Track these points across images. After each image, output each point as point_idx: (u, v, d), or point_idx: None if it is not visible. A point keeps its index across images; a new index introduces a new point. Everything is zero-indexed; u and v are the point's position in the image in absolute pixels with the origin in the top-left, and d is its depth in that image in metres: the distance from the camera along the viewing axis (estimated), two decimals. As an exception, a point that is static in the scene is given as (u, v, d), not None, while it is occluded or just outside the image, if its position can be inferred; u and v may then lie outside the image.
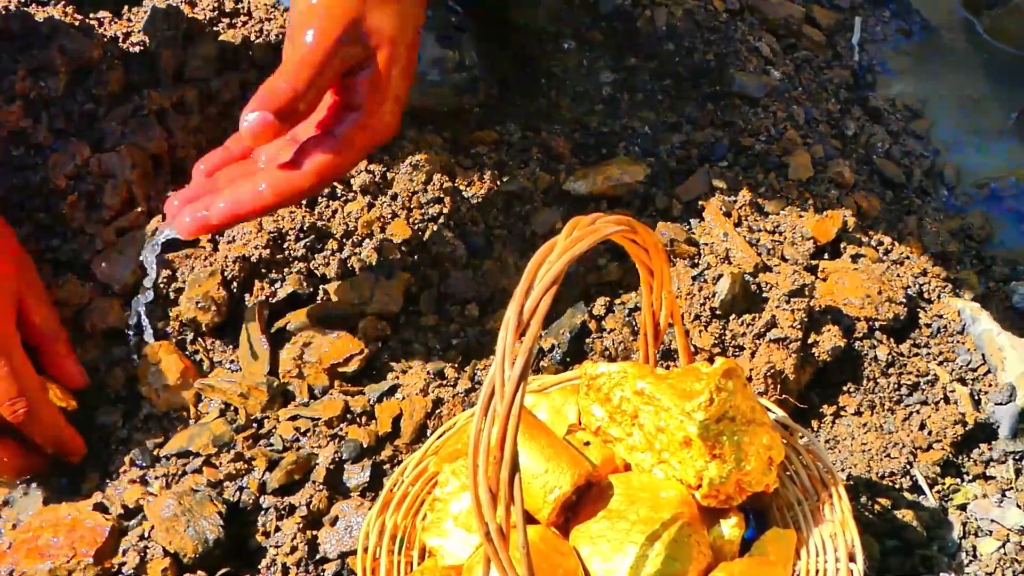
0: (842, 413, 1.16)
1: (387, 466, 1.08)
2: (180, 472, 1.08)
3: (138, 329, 1.16)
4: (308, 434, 1.10)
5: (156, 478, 1.07)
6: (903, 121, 1.58)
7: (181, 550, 1.01)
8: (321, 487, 1.06)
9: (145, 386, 1.14)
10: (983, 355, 1.19)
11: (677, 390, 0.90)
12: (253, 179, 1.02)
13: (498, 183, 1.27)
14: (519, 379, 0.72)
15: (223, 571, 1.01)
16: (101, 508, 1.05)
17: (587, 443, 0.95)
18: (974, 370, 1.19)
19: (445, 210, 1.25)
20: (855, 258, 1.26)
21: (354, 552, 1.02)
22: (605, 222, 0.81)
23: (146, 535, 1.03)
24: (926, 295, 1.25)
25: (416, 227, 1.23)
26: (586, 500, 0.90)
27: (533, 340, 0.73)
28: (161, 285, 1.17)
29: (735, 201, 1.28)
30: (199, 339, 1.17)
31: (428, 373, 1.14)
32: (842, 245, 1.28)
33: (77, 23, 1.35)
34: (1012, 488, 1.11)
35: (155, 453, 1.09)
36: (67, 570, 1.01)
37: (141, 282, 1.17)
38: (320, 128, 1.05)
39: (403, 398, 1.12)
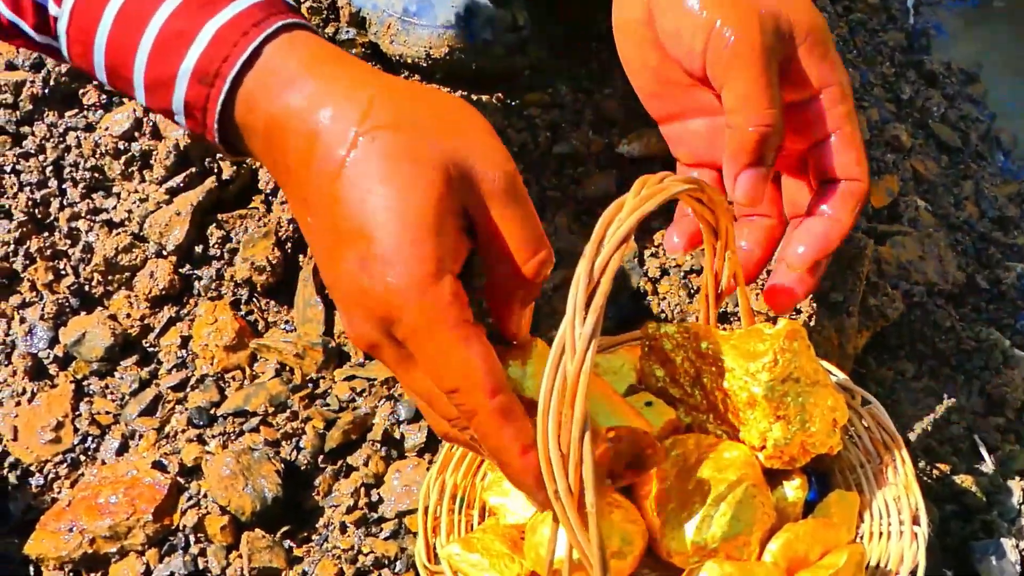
0: (900, 378, 1.15)
1: (444, 427, 1.08)
2: (237, 431, 1.08)
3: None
4: (364, 394, 1.10)
5: (213, 437, 1.08)
6: (959, 85, 1.56)
7: (239, 509, 1.01)
8: (378, 447, 1.06)
9: (200, 346, 1.13)
10: (1043, 320, 1.18)
11: (741, 351, 0.89)
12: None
13: (551, 146, 1.26)
14: (590, 337, 0.71)
15: (283, 529, 1.02)
16: (159, 466, 1.05)
17: (648, 404, 0.94)
18: (1034, 335, 1.18)
19: (499, 172, 1.23)
20: (912, 222, 1.25)
21: (412, 512, 1.02)
22: (673, 180, 0.80)
23: (204, 494, 1.03)
24: (984, 260, 1.24)
25: (470, 189, 1.22)
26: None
27: (603, 298, 0.72)
28: (215, 246, 1.17)
29: (791, 164, 1.27)
30: (254, 299, 1.17)
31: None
32: (899, 209, 1.27)
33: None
34: (1073, 453, 1.10)
35: (212, 413, 1.09)
36: (127, 527, 1.01)
37: (194, 243, 1.17)
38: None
39: (459, 359, 1.11)
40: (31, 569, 1.03)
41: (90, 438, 1.10)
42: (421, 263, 0.73)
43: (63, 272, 1.18)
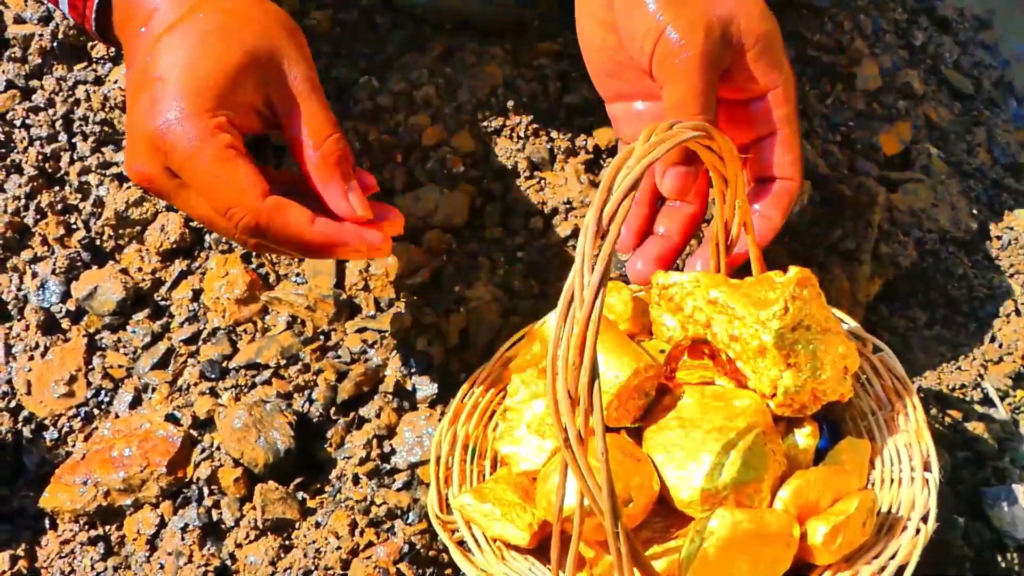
0: (912, 325, 1.15)
1: (456, 378, 1.08)
2: (250, 384, 1.08)
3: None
4: (375, 346, 1.10)
5: (226, 390, 1.08)
6: (971, 31, 1.55)
7: (252, 461, 1.02)
8: (390, 398, 1.06)
9: (212, 300, 1.14)
10: (1056, 266, 1.17)
11: (751, 299, 0.89)
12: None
13: (561, 95, 1.26)
14: (599, 284, 0.71)
15: (296, 481, 1.02)
16: (172, 419, 1.06)
17: (662, 351, 0.94)
18: (1046, 282, 1.17)
19: (508, 122, 1.23)
20: (925, 169, 1.24)
21: (424, 463, 1.02)
22: (682, 127, 0.80)
23: (217, 446, 1.04)
24: (996, 207, 1.24)
25: (479, 139, 1.22)
26: (659, 408, 0.90)
27: (612, 245, 0.72)
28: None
29: (803, 113, 1.26)
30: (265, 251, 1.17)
31: (495, 285, 1.13)
32: (912, 156, 1.26)
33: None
34: (1085, 400, 1.10)
35: (224, 366, 1.10)
36: (141, 480, 1.02)
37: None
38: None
39: (470, 310, 1.12)
40: (46, 522, 1.03)
41: (103, 392, 1.10)
42: (198, 100, 0.86)
43: (74, 226, 1.18)
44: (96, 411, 1.10)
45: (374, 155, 1.19)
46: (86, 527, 1.02)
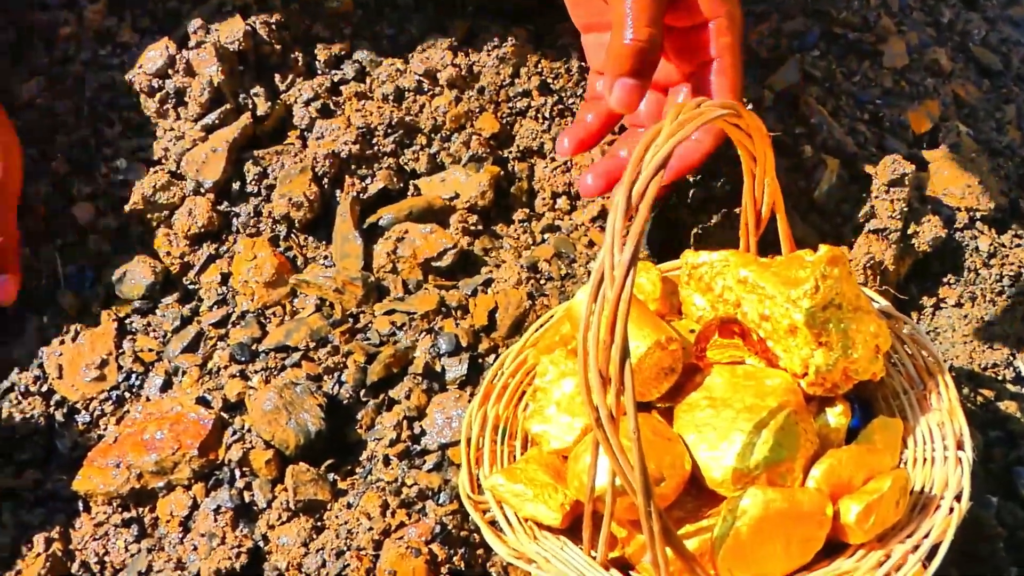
0: (942, 305, 1.15)
1: (484, 359, 1.08)
2: (279, 366, 1.08)
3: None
4: (404, 328, 1.10)
5: (256, 372, 1.08)
6: (999, 7, 1.54)
7: (283, 443, 1.02)
8: (419, 380, 1.06)
9: (240, 283, 1.14)
10: (1087, 244, 1.17)
11: (781, 278, 0.89)
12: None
13: (586, 75, 1.25)
14: (629, 263, 0.71)
15: (327, 463, 1.02)
16: (203, 402, 1.06)
17: (692, 331, 0.94)
18: (1077, 259, 1.16)
19: (533, 103, 1.23)
20: (954, 147, 1.24)
21: (455, 444, 1.02)
22: (710, 106, 0.79)
23: (248, 428, 1.04)
24: (1027, 184, 1.23)
25: (504, 120, 1.22)
26: (689, 388, 0.89)
27: (642, 224, 0.72)
28: (252, 182, 1.17)
29: (830, 90, 1.26)
30: (292, 235, 1.17)
31: (521, 267, 1.13)
32: (940, 134, 1.25)
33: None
34: (1118, 379, 1.09)
35: (254, 348, 1.10)
36: (173, 462, 1.02)
37: (231, 180, 1.17)
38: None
39: (498, 292, 1.12)
40: (80, 505, 1.04)
41: (134, 375, 1.11)
42: None
43: (103, 211, 1.18)
44: (127, 394, 1.10)
45: (399, 137, 1.19)
46: (119, 509, 1.03)
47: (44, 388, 1.11)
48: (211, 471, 1.03)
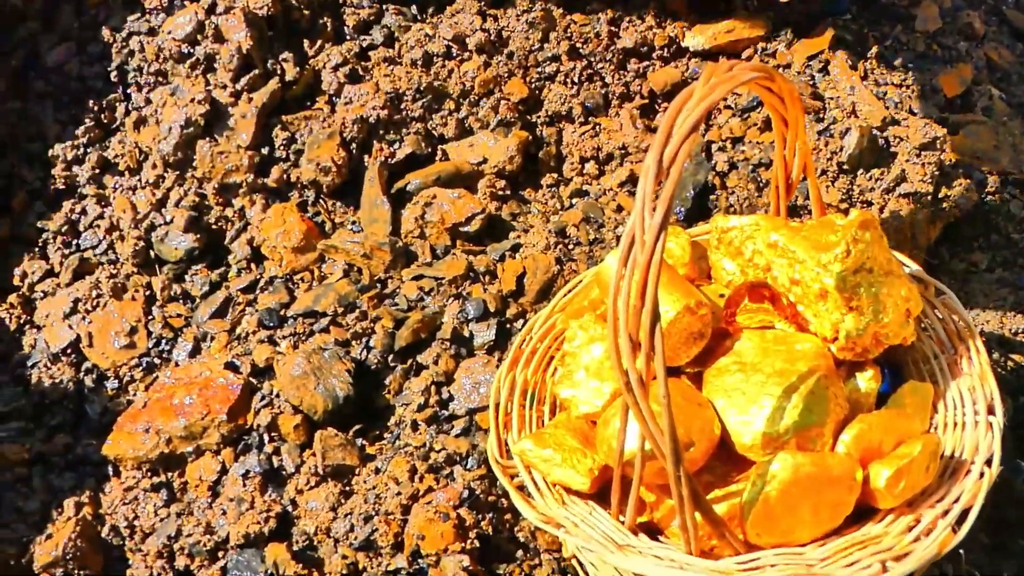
0: (973, 269, 1.14)
1: (512, 324, 1.08)
2: (307, 332, 1.08)
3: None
4: (432, 293, 1.10)
5: (284, 338, 1.08)
6: (1033, -31, 1.52)
7: (311, 408, 1.02)
8: (447, 345, 1.06)
9: (269, 248, 1.14)
10: (1121, 208, 1.15)
11: (812, 242, 0.88)
12: None
13: (615, 40, 1.25)
14: (660, 227, 0.70)
15: (355, 428, 1.03)
16: (232, 367, 1.06)
17: (721, 295, 0.94)
18: (1111, 224, 1.15)
19: (561, 68, 1.22)
20: (986, 111, 1.22)
21: (483, 408, 1.02)
22: (742, 69, 0.78)
23: (276, 393, 1.04)
24: (1060, 148, 1.21)
25: (533, 86, 1.21)
26: (719, 353, 0.89)
27: (673, 188, 0.71)
28: (281, 147, 1.17)
29: (861, 54, 1.24)
30: (320, 201, 1.17)
31: (549, 232, 1.13)
32: (972, 98, 1.24)
33: None
34: None
35: (282, 314, 1.10)
36: (202, 427, 1.02)
37: (260, 146, 1.17)
38: None
39: (526, 257, 1.11)
40: (110, 469, 1.05)
41: (164, 341, 1.11)
42: None
43: (133, 177, 1.18)
44: (157, 360, 1.11)
45: (427, 102, 1.19)
46: (149, 474, 1.03)
47: (74, 355, 1.12)
48: (240, 436, 1.03)
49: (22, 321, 1.16)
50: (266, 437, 1.03)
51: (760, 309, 0.90)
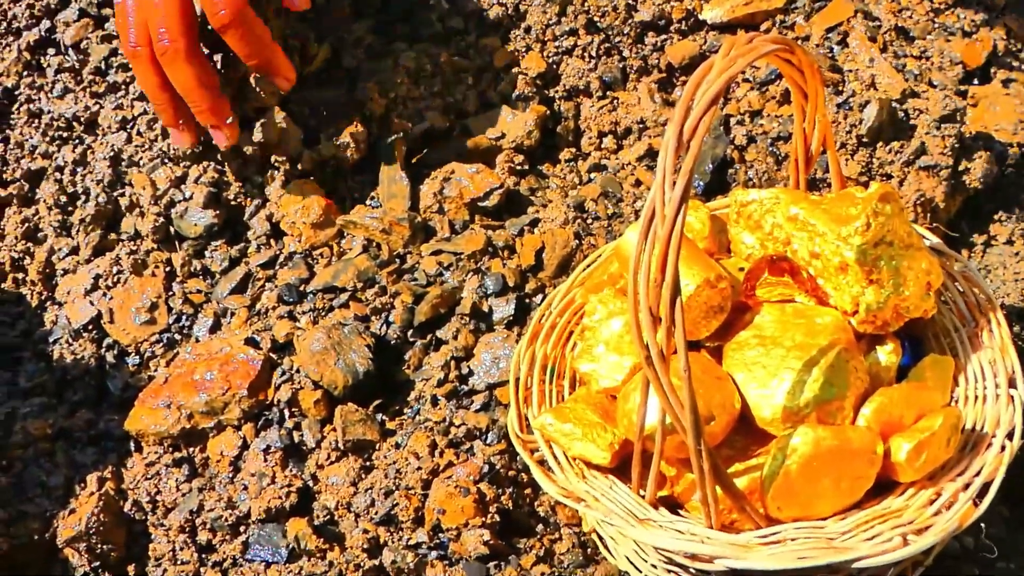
0: (993, 242, 1.13)
1: (531, 299, 1.08)
2: (327, 307, 1.09)
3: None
4: (451, 268, 1.10)
5: (304, 313, 1.09)
6: (1055, -62, 1.51)
7: (332, 383, 1.02)
8: (467, 320, 1.06)
9: (288, 224, 1.14)
10: None
11: (832, 215, 0.88)
12: None
13: (633, 13, 1.24)
14: (680, 201, 0.70)
15: (375, 403, 1.03)
16: (252, 343, 1.07)
17: (741, 269, 0.94)
18: None
19: (579, 42, 1.22)
20: (1006, 83, 1.21)
21: (503, 383, 1.02)
22: (762, 41, 0.78)
23: (297, 369, 1.04)
24: (1081, 119, 1.21)
25: (550, 60, 1.21)
26: (739, 326, 0.89)
27: (693, 161, 0.71)
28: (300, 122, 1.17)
29: (879, 26, 1.24)
30: (339, 176, 1.17)
31: (568, 206, 1.13)
32: (992, 69, 1.23)
33: None
34: None
35: (302, 289, 1.10)
36: (223, 403, 1.03)
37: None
38: None
39: (544, 231, 1.11)
40: (131, 445, 1.05)
41: (184, 317, 1.12)
42: None
43: (155, 152, 1.18)
44: (177, 336, 1.11)
45: (445, 77, 1.19)
46: (170, 449, 1.04)
47: (95, 331, 1.12)
48: (260, 411, 1.03)
49: (43, 298, 1.16)
50: (287, 412, 1.03)
51: (780, 282, 0.90)
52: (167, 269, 1.14)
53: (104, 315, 1.13)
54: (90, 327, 1.13)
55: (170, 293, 1.13)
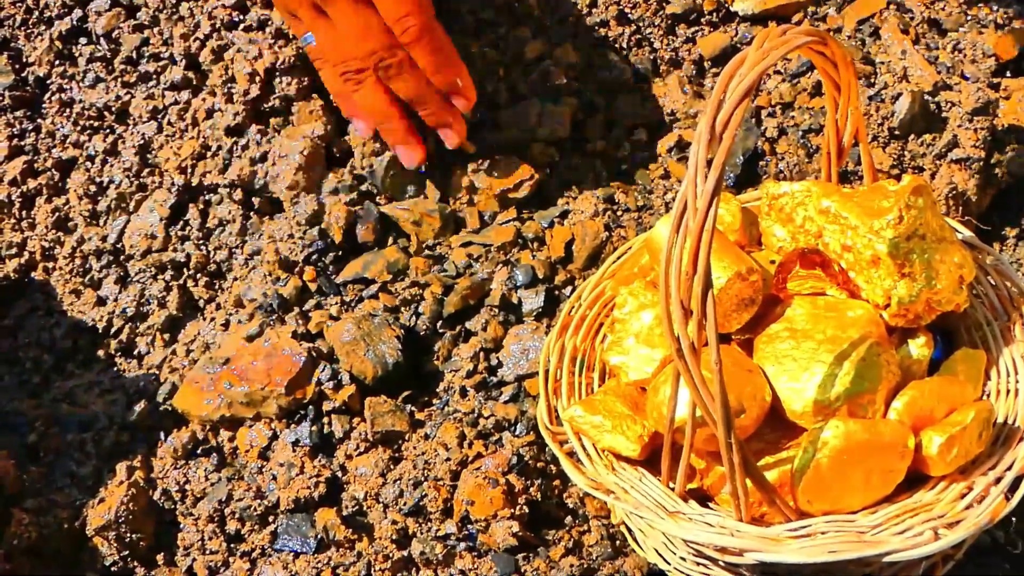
0: (1026, 235, 1.13)
1: (561, 291, 1.08)
2: (357, 298, 1.09)
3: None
4: (481, 260, 1.10)
5: (333, 304, 1.09)
6: (1090, -71, 1.49)
7: (361, 373, 1.03)
8: (496, 311, 1.06)
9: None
10: None
11: (864, 208, 0.87)
12: None
13: (664, 5, 1.24)
14: (712, 193, 0.70)
15: (404, 394, 1.03)
16: (294, 336, 1.06)
17: (772, 262, 0.93)
18: None
19: (611, 34, 1.22)
20: (1039, 75, 1.21)
21: (532, 375, 1.02)
22: (795, 33, 0.78)
23: (332, 365, 1.04)
24: (1115, 113, 1.20)
25: (583, 52, 1.21)
26: (770, 319, 0.89)
27: (726, 154, 0.71)
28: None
29: (912, 18, 1.23)
30: (370, 168, 1.17)
31: (598, 198, 1.13)
32: (1026, 62, 1.22)
33: None
34: None
35: (332, 280, 1.11)
36: (261, 396, 1.03)
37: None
38: None
39: (575, 223, 1.11)
40: (161, 435, 1.06)
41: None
42: None
43: (185, 141, 1.19)
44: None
45: (476, 69, 1.19)
46: (202, 439, 1.04)
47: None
48: (297, 408, 1.03)
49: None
50: (320, 407, 1.03)
51: (811, 275, 0.90)
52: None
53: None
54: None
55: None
